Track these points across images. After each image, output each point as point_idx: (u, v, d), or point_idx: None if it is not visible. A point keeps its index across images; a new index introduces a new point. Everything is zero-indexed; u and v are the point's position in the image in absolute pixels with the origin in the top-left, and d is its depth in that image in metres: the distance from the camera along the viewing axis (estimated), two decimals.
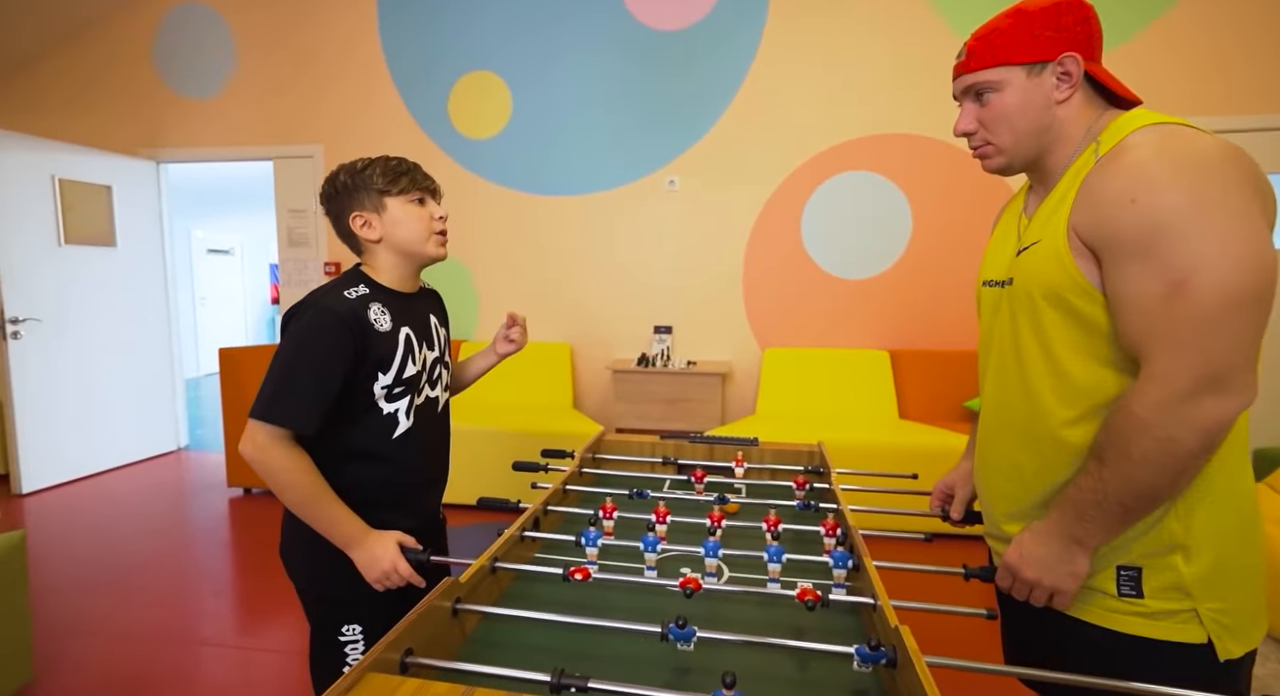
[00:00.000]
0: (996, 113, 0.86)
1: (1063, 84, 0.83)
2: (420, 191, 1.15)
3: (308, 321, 1.02)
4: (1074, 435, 0.82)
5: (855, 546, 1.05)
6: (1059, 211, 0.82)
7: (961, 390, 3.40)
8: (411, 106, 3.93)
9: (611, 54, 3.70)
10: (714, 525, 1.16)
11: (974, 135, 0.91)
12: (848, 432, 3.08)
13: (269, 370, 1.01)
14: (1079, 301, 0.79)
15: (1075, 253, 0.78)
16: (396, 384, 1.10)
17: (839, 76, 3.54)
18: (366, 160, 1.13)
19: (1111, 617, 0.82)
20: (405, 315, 1.14)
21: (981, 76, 0.86)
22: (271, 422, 0.98)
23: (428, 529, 1.25)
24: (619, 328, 3.88)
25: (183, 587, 2.54)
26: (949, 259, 3.52)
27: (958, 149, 3.47)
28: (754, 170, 3.67)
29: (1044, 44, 0.82)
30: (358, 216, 1.12)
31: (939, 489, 1.22)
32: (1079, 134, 0.84)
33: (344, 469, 1.07)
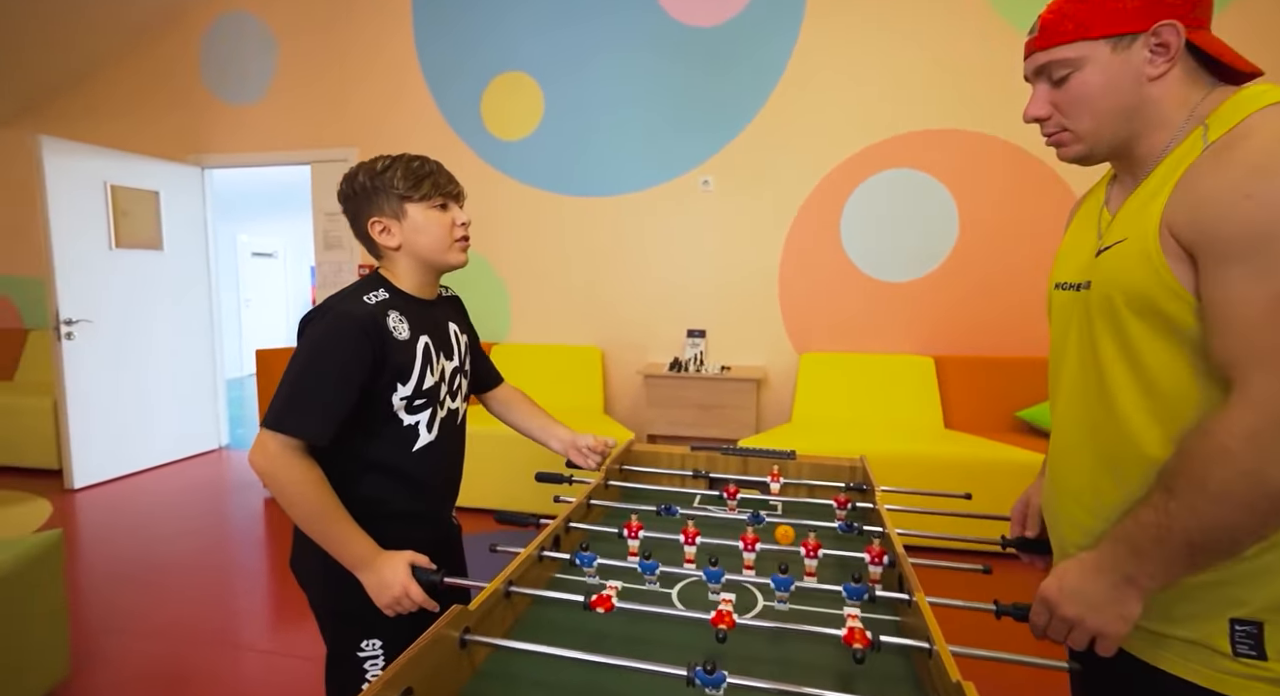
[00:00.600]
0: (1075, 95, 0.74)
1: (1158, 58, 0.70)
2: (443, 197, 1.09)
3: (325, 327, 0.98)
4: (1165, 456, 0.70)
5: (905, 577, 0.94)
6: (1151, 206, 0.70)
7: (1013, 399, 3.21)
8: (444, 108, 3.94)
9: (644, 51, 3.63)
10: (748, 548, 1.08)
11: (1047, 121, 0.79)
12: (890, 443, 2.93)
13: (283, 377, 0.97)
14: (1169, 305, 0.68)
15: (1168, 254, 0.67)
16: (417, 395, 1.06)
17: (881, 69, 3.39)
18: (386, 160, 1.07)
19: (1224, 680, 0.70)
20: (424, 323, 1.10)
21: (1057, 54, 0.74)
22: (284, 433, 0.94)
23: (443, 539, 1.21)
24: (651, 331, 3.81)
25: (218, 587, 2.57)
26: (999, 260, 3.34)
27: (1011, 144, 3.29)
28: (791, 169, 3.55)
29: (1134, 12, 0.69)
30: (376, 222, 1.06)
31: (1017, 511, 1.08)
32: (1179, 116, 0.72)
33: (361, 480, 1.04)
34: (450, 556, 1.23)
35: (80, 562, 2.78)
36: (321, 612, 1.09)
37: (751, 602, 1.02)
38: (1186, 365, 0.69)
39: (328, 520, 0.96)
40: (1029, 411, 3.11)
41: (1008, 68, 3.24)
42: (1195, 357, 0.68)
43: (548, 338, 3.92)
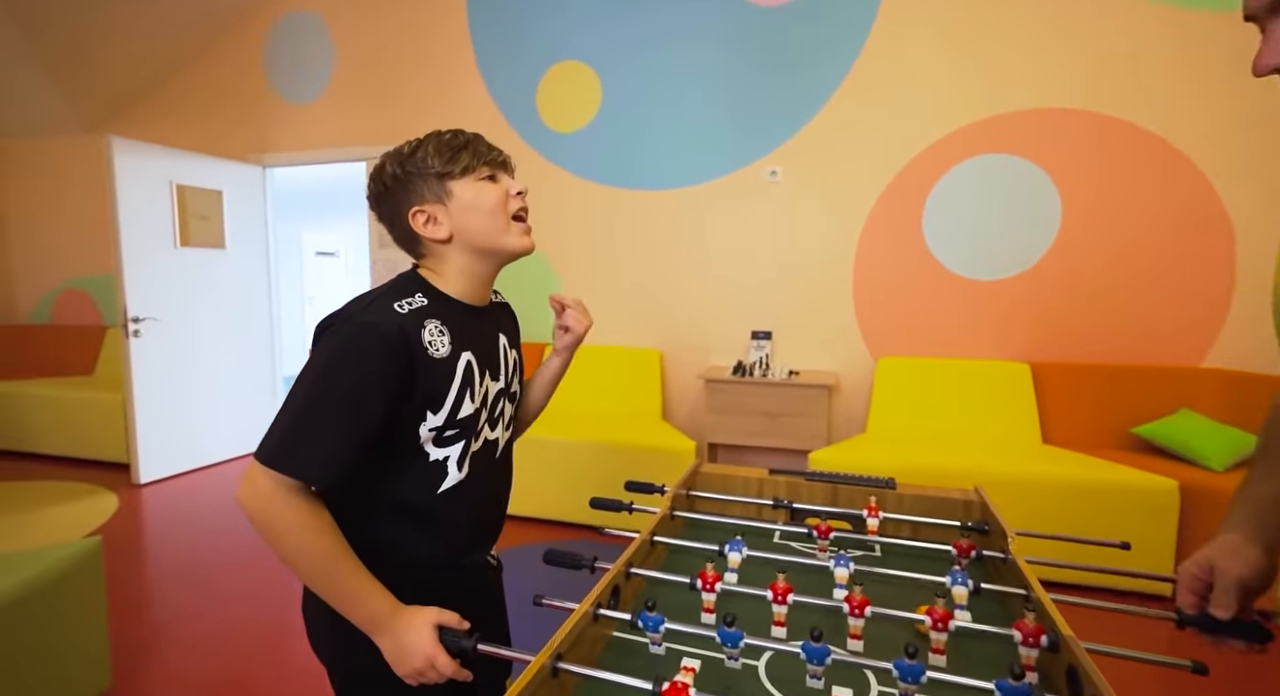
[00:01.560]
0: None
1: None
2: (488, 166, 0.90)
3: (340, 340, 0.79)
4: None
5: (1085, 673, 0.70)
6: None
7: (1126, 412, 2.82)
8: (498, 99, 3.83)
9: (708, 35, 3.40)
10: (854, 612, 0.85)
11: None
12: (980, 458, 2.61)
13: (286, 400, 0.79)
14: None
15: None
16: (449, 426, 0.87)
17: (970, 45, 3.04)
18: (413, 142, 0.90)
19: None
20: (469, 336, 0.90)
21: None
22: (279, 471, 0.75)
23: (476, 586, 1.00)
24: (713, 332, 3.58)
25: (269, 591, 2.50)
26: (1107, 256, 2.94)
27: (1115, 120, 2.88)
28: (869, 155, 3.24)
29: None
30: (419, 212, 0.88)
31: (1189, 574, 0.76)
32: None
33: (375, 522, 0.86)
34: (487, 605, 1.04)
35: (140, 560, 2.78)
36: (332, 671, 0.92)
37: (862, 687, 0.79)
38: None
39: (336, 573, 0.78)
40: (1147, 427, 2.71)
41: (1121, 32, 2.85)
42: None
43: (603, 338, 3.75)
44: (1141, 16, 2.82)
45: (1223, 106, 2.75)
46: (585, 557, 1.01)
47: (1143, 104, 2.85)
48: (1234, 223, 2.79)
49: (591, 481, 3.00)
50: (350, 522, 0.82)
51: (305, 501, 0.78)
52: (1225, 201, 2.79)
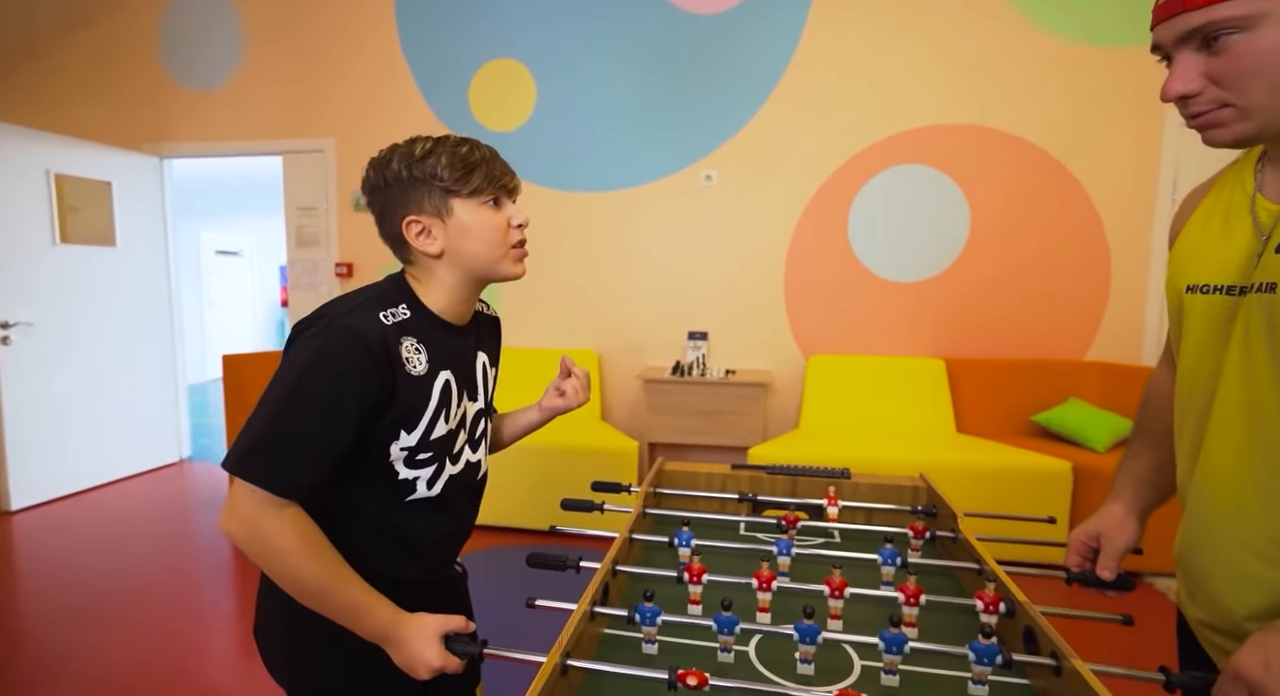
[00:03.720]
0: (1245, 63, 0.60)
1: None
2: (496, 191, 0.87)
3: (322, 343, 0.75)
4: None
5: (1042, 632, 0.78)
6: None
7: (1027, 402, 3.12)
8: (430, 97, 3.70)
9: (644, 40, 3.45)
10: (834, 594, 0.90)
11: (1198, 97, 0.64)
12: (902, 448, 2.81)
13: (259, 404, 0.74)
14: None
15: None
16: (422, 448, 0.84)
17: (893, 62, 3.27)
18: (427, 143, 0.85)
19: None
20: (448, 355, 0.87)
21: (1222, 12, 0.60)
22: (259, 482, 0.72)
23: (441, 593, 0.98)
24: (650, 333, 3.63)
25: (183, 623, 2.30)
26: (1010, 258, 3.24)
27: (1027, 142, 3.19)
28: (798, 164, 3.40)
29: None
30: (414, 222, 0.84)
31: (1079, 540, 0.93)
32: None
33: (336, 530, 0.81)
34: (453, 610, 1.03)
35: (15, 598, 2.47)
36: (291, 692, 0.88)
37: (845, 666, 0.84)
38: None
39: (336, 589, 0.75)
40: (1043, 415, 3.01)
41: (1021, 61, 3.15)
42: None
43: (540, 341, 3.71)
44: (1039, 48, 3.13)
45: (1102, 131, 3.11)
46: (569, 558, 1.01)
47: (1036, 125, 3.17)
48: (1108, 234, 3.16)
49: (536, 485, 2.96)
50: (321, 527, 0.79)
51: (294, 517, 0.74)
52: (1102, 216, 3.16)
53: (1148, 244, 3.14)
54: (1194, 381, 0.75)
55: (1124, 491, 0.93)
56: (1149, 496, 0.91)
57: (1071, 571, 0.93)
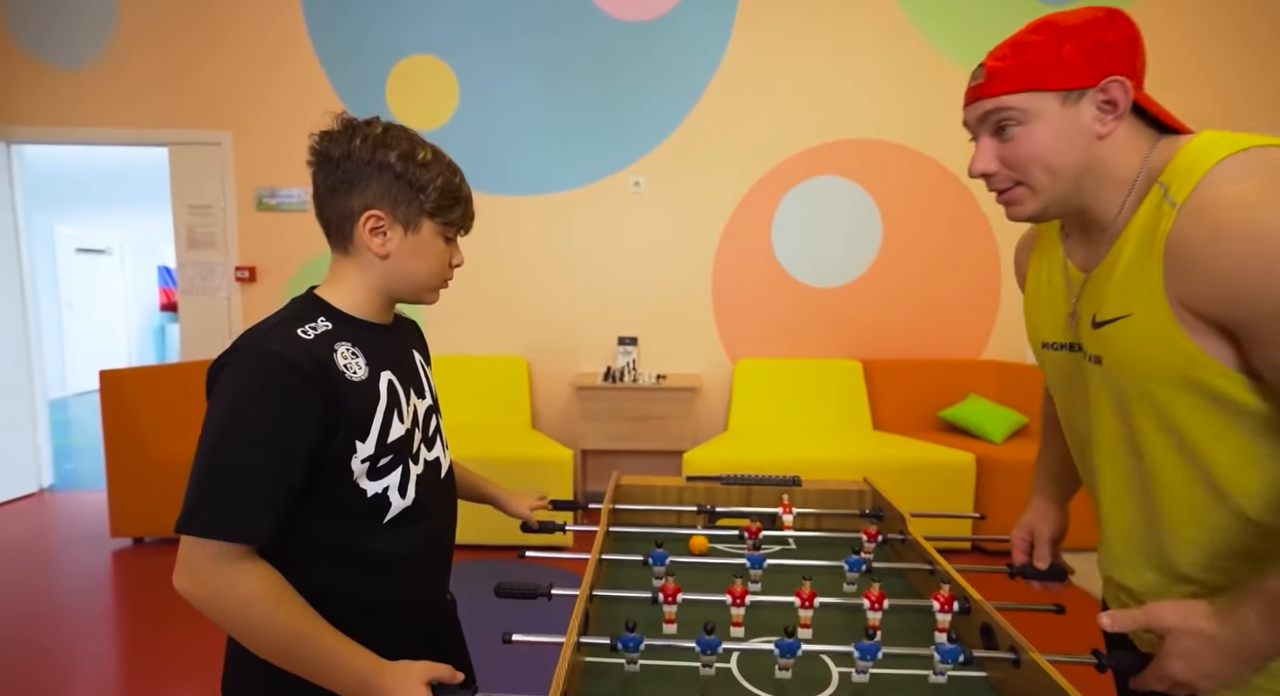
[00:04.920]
0: (1025, 151, 0.70)
1: (1106, 115, 0.68)
2: (459, 230, 0.88)
3: (245, 376, 0.71)
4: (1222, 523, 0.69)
5: (999, 628, 0.85)
6: (1145, 279, 0.66)
7: (935, 399, 3.37)
8: (342, 90, 3.47)
9: (572, 43, 3.42)
10: (804, 604, 0.93)
11: (995, 176, 0.74)
12: (825, 447, 2.97)
13: (197, 454, 0.69)
14: (1217, 383, 0.64)
15: (1190, 329, 0.63)
16: (381, 452, 0.79)
17: (809, 78, 3.43)
18: (427, 153, 0.83)
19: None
20: (383, 354, 0.83)
21: (1005, 103, 0.69)
22: (209, 536, 0.66)
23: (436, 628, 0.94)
24: (579, 339, 3.60)
25: (54, 682, 2.02)
26: (917, 265, 3.49)
27: (925, 156, 3.45)
28: (724, 172, 3.50)
29: (1082, 66, 0.66)
30: (376, 217, 0.79)
31: (1018, 537, 1.04)
32: (1130, 173, 0.69)
33: (313, 570, 0.76)
34: (447, 646, 0.98)
35: None
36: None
37: (823, 674, 0.87)
38: (1242, 435, 0.65)
39: (306, 642, 0.70)
40: (948, 411, 3.27)
41: (924, 83, 3.40)
42: (1254, 427, 0.64)
43: (466, 348, 3.58)
44: (938, 72, 3.39)
45: None
46: (540, 586, 0.98)
47: (937, 142, 3.43)
48: (998, 242, 3.48)
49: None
50: (291, 572, 0.73)
51: (253, 567, 0.68)
52: (992, 226, 3.47)
53: None
54: (1072, 421, 0.86)
55: (1044, 485, 1.04)
56: (1064, 486, 1.02)
57: (1014, 566, 1.02)
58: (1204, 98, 3.33)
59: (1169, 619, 0.68)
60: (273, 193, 3.50)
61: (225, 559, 0.66)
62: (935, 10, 3.38)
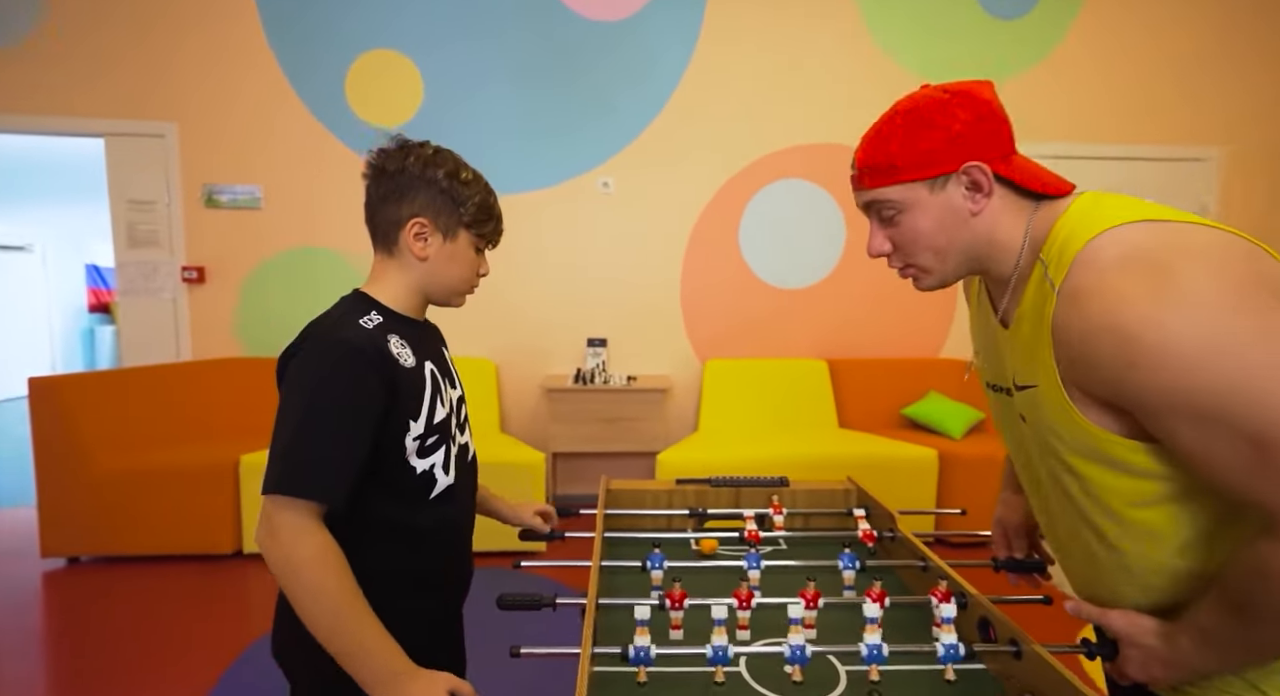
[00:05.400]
0: (908, 236, 0.75)
1: (975, 193, 0.71)
2: (489, 243, 1.00)
3: (320, 359, 0.82)
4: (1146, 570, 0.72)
5: (997, 622, 0.87)
6: (1040, 356, 0.68)
7: (897, 396, 3.48)
8: (299, 84, 3.33)
9: (539, 42, 3.38)
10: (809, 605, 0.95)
11: (890, 257, 0.79)
12: (793, 445, 3.02)
13: (277, 430, 0.80)
14: (1116, 452, 0.66)
15: (1082, 406, 0.65)
16: (429, 432, 0.90)
17: (775, 82, 3.49)
18: (469, 173, 0.96)
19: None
20: (424, 348, 0.96)
21: (880, 196, 0.74)
22: (297, 496, 0.76)
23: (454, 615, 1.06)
24: (548, 341, 3.55)
25: None
26: (879, 268, 3.57)
27: None
28: (693, 174, 3.52)
29: (941, 153, 0.69)
30: (421, 224, 0.91)
31: (996, 532, 1.08)
32: (1015, 236, 0.72)
33: (369, 549, 0.85)
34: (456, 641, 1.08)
35: None
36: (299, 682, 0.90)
37: (831, 674, 0.89)
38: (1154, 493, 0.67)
39: (349, 616, 0.76)
40: (911, 408, 3.38)
41: (882, 91, 3.50)
42: (1163, 486, 0.66)
43: None
44: (895, 82, 3.50)
45: None
46: (544, 597, 0.97)
47: None
48: None
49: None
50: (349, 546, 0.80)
51: (320, 534, 0.77)
52: None
53: None
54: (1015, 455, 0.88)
55: (1012, 477, 1.08)
56: None
57: (998, 559, 1.06)
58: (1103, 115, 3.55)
59: (1119, 626, 0.73)
60: (223, 189, 3.33)
61: (298, 518, 0.76)
62: (893, 22, 3.48)
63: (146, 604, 2.47)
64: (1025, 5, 3.48)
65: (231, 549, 2.82)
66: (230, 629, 2.27)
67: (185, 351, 3.40)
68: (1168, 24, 3.55)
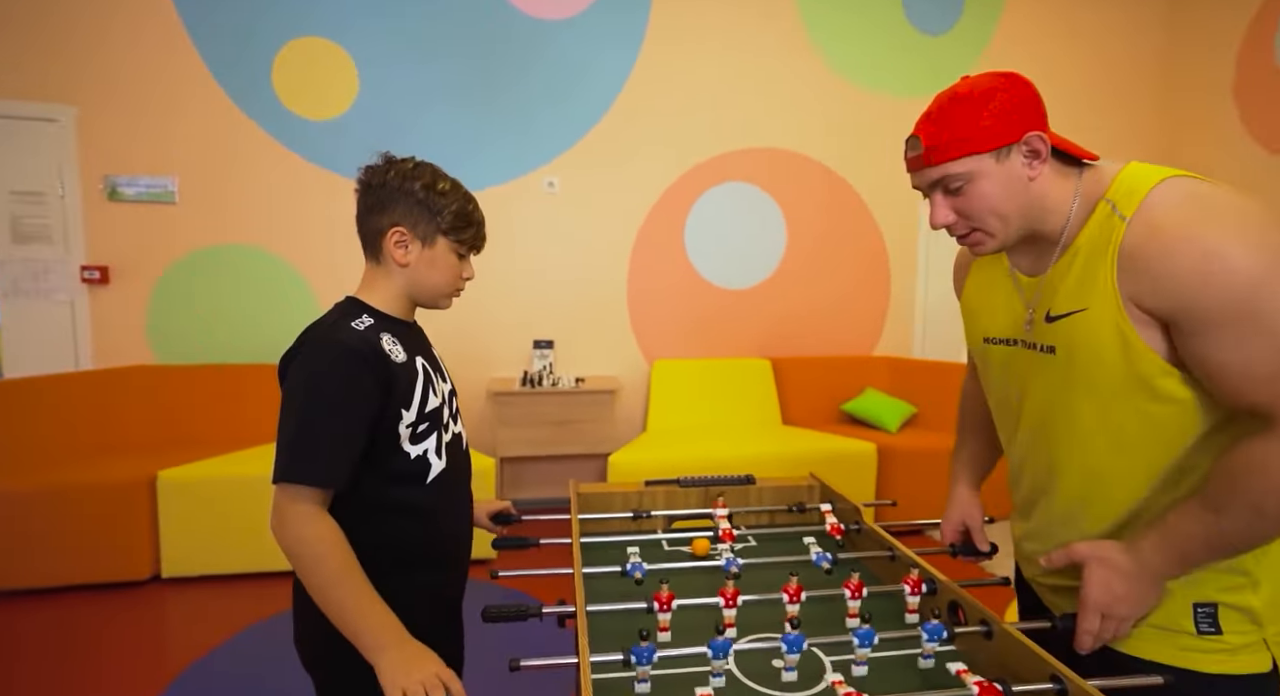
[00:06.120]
0: (977, 204, 0.81)
1: (1033, 160, 0.80)
2: (470, 248, 1.07)
3: (316, 359, 0.91)
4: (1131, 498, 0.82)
5: (967, 604, 0.92)
6: (1099, 279, 0.77)
7: (837, 393, 3.62)
8: (219, 70, 3.10)
9: (482, 37, 3.29)
10: (792, 600, 0.97)
11: (955, 225, 0.86)
12: (739, 443, 3.08)
13: (282, 425, 0.89)
14: (1156, 376, 0.76)
15: (1135, 321, 0.75)
16: (420, 419, 0.99)
17: (718, 86, 3.55)
18: (446, 182, 1.03)
19: (1190, 657, 0.80)
20: (414, 345, 1.05)
21: (950, 169, 0.81)
22: (297, 482, 0.86)
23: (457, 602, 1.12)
24: (494, 344, 3.47)
25: None
26: (819, 267, 3.73)
27: (823, 166, 3.69)
28: (639, 174, 3.53)
29: (1003, 127, 0.78)
30: (400, 233, 1.00)
31: (950, 524, 1.17)
32: (1066, 199, 0.82)
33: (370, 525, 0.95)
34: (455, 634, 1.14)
35: None
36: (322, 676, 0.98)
37: (817, 666, 0.91)
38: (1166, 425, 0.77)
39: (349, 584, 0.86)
40: (850, 404, 3.52)
41: (822, 98, 3.65)
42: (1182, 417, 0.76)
43: None
44: (836, 91, 3.65)
45: (881, 163, 3.72)
46: (530, 607, 0.94)
47: (832, 152, 3.69)
48: (888, 248, 3.81)
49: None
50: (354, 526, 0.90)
51: (322, 515, 0.87)
52: (883, 232, 3.79)
53: (914, 257, 3.86)
54: (1004, 405, 0.97)
55: (961, 473, 1.18)
56: (978, 473, 1.18)
57: (956, 546, 1.15)
58: None
59: (1084, 551, 0.83)
60: (130, 181, 3.04)
61: (304, 503, 0.85)
62: (831, 33, 3.62)
63: (53, 642, 2.22)
64: (946, 23, 3.71)
65: (149, 573, 2.59)
66: (150, 664, 2.08)
67: (86, 359, 3.09)
68: (1068, 50, 3.88)
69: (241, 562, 2.63)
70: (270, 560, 2.62)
